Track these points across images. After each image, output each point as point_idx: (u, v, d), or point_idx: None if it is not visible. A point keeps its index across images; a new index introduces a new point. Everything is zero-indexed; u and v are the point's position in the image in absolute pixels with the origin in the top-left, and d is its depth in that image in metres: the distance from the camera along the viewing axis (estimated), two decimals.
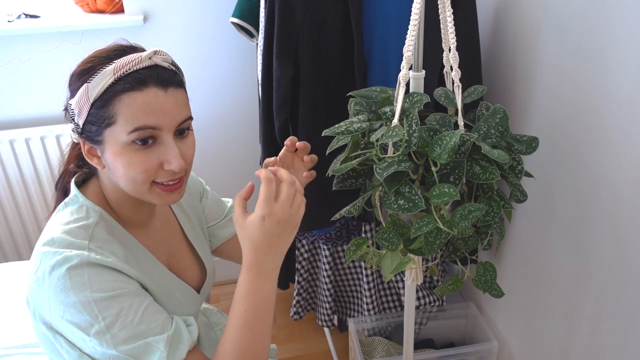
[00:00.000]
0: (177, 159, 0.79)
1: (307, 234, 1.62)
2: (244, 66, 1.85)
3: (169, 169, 0.79)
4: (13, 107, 1.80)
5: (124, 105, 0.75)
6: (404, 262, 0.88)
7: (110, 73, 0.75)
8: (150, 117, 0.76)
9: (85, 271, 0.75)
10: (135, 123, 0.76)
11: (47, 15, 1.77)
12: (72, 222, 0.81)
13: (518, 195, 0.97)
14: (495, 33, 1.42)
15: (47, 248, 0.78)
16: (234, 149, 1.99)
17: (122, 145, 0.77)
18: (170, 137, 0.79)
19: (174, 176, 0.81)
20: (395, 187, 0.84)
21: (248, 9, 1.52)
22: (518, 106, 1.35)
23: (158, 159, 0.79)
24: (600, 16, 1.02)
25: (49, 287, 0.75)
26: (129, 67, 0.76)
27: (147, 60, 0.77)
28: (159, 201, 0.82)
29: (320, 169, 1.36)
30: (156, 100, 0.76)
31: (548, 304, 1.34)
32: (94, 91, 0.76)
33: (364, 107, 1.00)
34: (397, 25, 1.24)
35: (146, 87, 0.76)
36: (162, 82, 0.77)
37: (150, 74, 0.77)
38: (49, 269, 0.76)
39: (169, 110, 0.78)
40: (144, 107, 0.76)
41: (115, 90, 0.75)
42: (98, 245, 0.80)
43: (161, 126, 0.77)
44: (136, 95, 0.75)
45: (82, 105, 0.77)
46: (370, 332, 1.72)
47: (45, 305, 0.77)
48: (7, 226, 1.93)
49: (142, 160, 0.78)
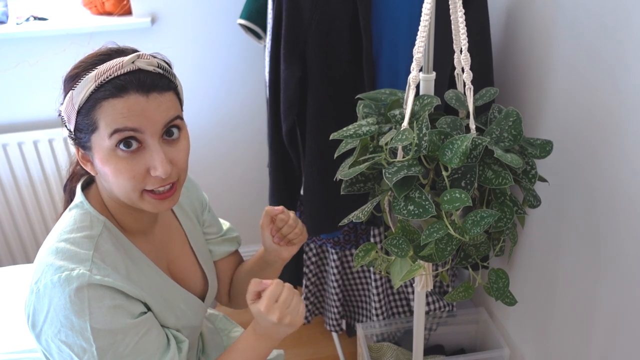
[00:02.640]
0: (163, 164, 0.76)
1: (315, 237, 1.60)
2: (251, 68, 1.84)
3: (155, 175, 0.77)
4: (21, 110, 1.80)
5: (104, 112, 0.74)
6: (413, 269, 0.85)
7: (92, 80, 0.74)
8: (129, 120, 0.74)
9: (85, 295, 0.75)
10: (114, 125, 0.74)
11: (55, 17, 1.77)
12: (76, 231, 0.80)
13: (531, 200, 0.94)
14: (507, 33, 1.39)
15: (50, 259, 0.77)
16: (241, 151, 1.98)
17: (107, 151, 0.76)
18: (155, 142, 0.76)
19: (164, 182, 0.78)
20: (405, 192, 0.82)
21: (255, 11, 1.51)
22: (531, 109, 1.32)
23: (144, 165, 0.77)
24: (616, 15, 1.00)
25: (49, 303, 0.75)
26: (110, 73, 0.74)
27: (129, 65, 0.75)
28: (150, 208, 0.81)
29: (328, 173, 1.34)
30: (136, 106, 0.74)
31: (561, 310, 1.31)
32: (78, 98, 0.75)
33: (373, 110, 0.98)
34: (407, 26, 1.22)
35: (126, 93, 0.74)
36: (142, 88, 0.74)
37: (130, 79, 0.74)
38: (50, 286, 0.75)
39: (151, 115, 0.75)
40: (124, 112, 0.74)
41: (96, 98, 0.74)
42: (101, 258, 0.79)
43: (142, 129, 0.75)
44: (116, 102, 0.74)
45: (70, 113, 0.77)
46: (379, 338, 1.70)
47: (40, 318, 0.77)
48: (16, 229, 1.93)
49: (128, 167, 0.76)
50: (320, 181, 1.36)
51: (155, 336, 0.83)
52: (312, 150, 1.33)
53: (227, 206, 2.00)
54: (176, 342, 0.88)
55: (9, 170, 1.83)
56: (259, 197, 2.02)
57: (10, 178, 1.84)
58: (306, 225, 1.45)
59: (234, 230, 1.13)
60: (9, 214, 1.90)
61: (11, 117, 1.81)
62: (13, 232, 1.93)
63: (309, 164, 1.35)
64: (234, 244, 1.11)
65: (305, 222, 1.45)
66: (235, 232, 1.13)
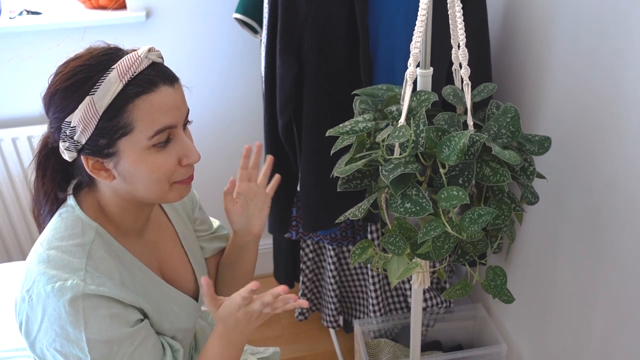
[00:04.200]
0: (194, 152, 0.80)
1: (311, 234, 1.59)
2: (247, 63, 1.82)
3: (188, 163, 0.80)
4: (15, 105, 1.79)
5: (141, 110, 0.73)
6: (410, 267, 0.85)
7: (116, 80, 0.72)
8: (167, 117, 0.75)
9: (80, 306, 0.74)
10: (155, 126, 0.74)
11: (49, 11, 1.75)
12: (67, 238, 0.78)
13: (529, 197, 0.94)
14: (505, 29, 1.38)
15: (42, 267, 0.75)
16: (237, 146, 1.96)
17: (141, 151, 0.75)
18: (181, 132, 0.80)
19: (192, 170, 0.83)
20: (402, 189, 0.81)
21: (251, 5, 1.49)
22: (529, 105, 1.31)
23: (176, 156, 0.79)
24: (615, 11, 0.99)
25: (42, 312, 0.74)
26: (134, 70, 0.73)
27: (146, 60, 0.75)
28: (176, 197, 0.83)
29: (325, 169, 1.33)
30: (169, 98, 0.76)
31: (559, 307, 1.30)
32: (103, 102, 0.71)
33: (370, 106, 0.97)
34: (404, 21, 1.21)
35: (157, 87, 0.74)
36: (168, 79, 0.76)
37: (155, 72, 0.75)
38: (43, 295, 0.74)
39: (180, 106, 0.78)
40: (160, 107, 0.74)
41: (126, 97, 0.72)
42: (95, 267, 0.77)
43: (177, 123, 0.78)
44: (151, 97, 0.74)
45: (89, 120, 0.72)
46: (376, 334, 1.70)
47: (34, 327, 0.76)
48: (11, 225, 1.92)
49: (163, 161, 0.77)
50: (316, 178, 1.35)
51: (152, 346, 0.82)
52: (308, 146, 1.32)
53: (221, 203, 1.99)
54: (172, 351, 0.87)
55: (4, 166, 1.81)
56: None
57: (4, 174, 1.83)
58: (303, 222, 1.44)
59: (224, 228, 1.13)
60: (4, 210, 1.89)
61: (5, 112, 1.79)
62: (8, 229, 1.92)
63: (305, 160, 1.34)
64: (224, 241, 1.11)
65: (302, 219, 1.44)
66: (225, 229, 1.13)
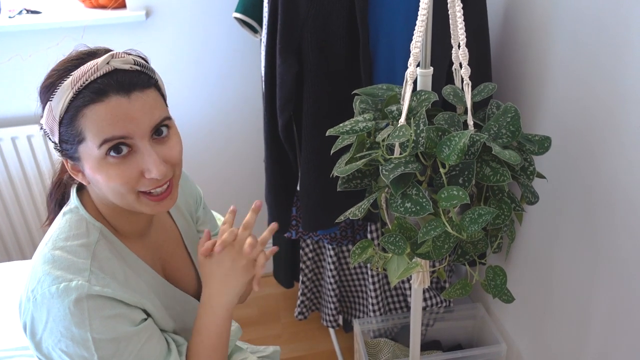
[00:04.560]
0: (157, 166, 0.74)
1: (311, 233, 1.59)
2: (247, 62, 1.82)
3: (150, 177, 0.75)
4: (15, 104, 1.79)
5: (88, 120, 0.71)
6: (410, 267, 0.85)
7: (69, 88, 0.71)
8: (116, 128, 0.71)
9: (85, 306, 0.74)
10: (102, 136, 0.71)
11: (49, 10, 1.75)
12: (72, 238, 0.78)
13: (529, 196, 0.94)
14: (505, 28, 1.38)
15: (47, 268, 0.75)
16: (237, 146, 1.96)
17: (97, 159, 0.73)
18: (145, 144, 0.74)
19: (159, 183, 0.77)
20: (402, 189, 0.81)
21: (251, 4, 1.49)
22: (529, 104, 1.31)
23: (137, 169, 0.74)
24: (615, 11, 0.99)
25: (47, 313, 0.74)
26: (86, 78, 0.71)
27: (104, 67, 0.72)
28: (149, 210, 0.79)
29: (325, 169, 1.33)
30: (120, 110, 0.71)
31: (559, 306, 1.30)
32: (57, 109, 0.72)
33: (370, 106, 0.97)
34: (404, 21, 1.21)
35: (107, 97, 0.71)
36: (123, 88, 0.71)
37: (109, 81, 0.71)
38: (48, 296, 0.74)
39: (136, 118, 0.72)
40: (108, 118, 0.71)
41: (77, 106, 0.71)
42: (100, 267, 0.77)
43: (131, 134, 0.72)
44: (97, 107, 0.71)
45: (51, 125, 0.74)
46: (376, 334, 1.70)
47: (39, 327, 0.75)
48: (10, 224, 1.92)
49: (120, 172, 0.74)
50: (316, 177, 1.35)
51: (157, 342, 0.82)
52: (308, 145, 1.32)
53: (222, 202, 1.99)
54: (176, 346, 0.87)
55: (3, 165, 1.81)
56: (255, 193, 2.01)
57: (4, 173, 1.82)
58: (303, 222, 1.44)
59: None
60: (4, 210, 1.88)
61: (4, 111, 1.79)
62: (8, 228, 1.92)
63: (305, 159, 1.34)
64: None
65: (302, 218, 1.44)
66: None
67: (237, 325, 1.16)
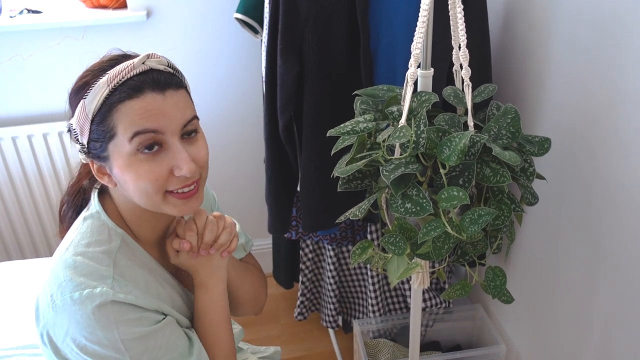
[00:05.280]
0: (187, 163, 0.75)
1: (311, 234, 1.59)
2: (248, 63, 1.82)
3: (180, 175, 0.76)
4: (15, 104, 1.79)
5: (122, 115, 0.72)
6: (410, 267, 0.85)
7: (104, 85, 0.72)
8: (149, 121, 0.73)
9: (110, 310, 0.74)
10: (134, 128, 0.72)
11: (49, 10, 1.75)
12: (94, 244, 0.78)
13: (529, 197, 0.94)
14: (505, 30, 1.39)
15: (69, 273, 0.75)
16: (238, 146, 1.97)
17: (127, 156, 0.74)
18: (176, 141, 0.76)
19: (187, 182, 0.78)
20: (403, 189, 0.81)
21: (252, 5, 1.49)
22: (529, 106, 1.31)
23: (167, 166, 0.75)
24: (615, 12, 0.99)
25: (70, 319, 0.74)
26: (123, 76, 0.73)
27: (140, 66, 0.74)
28: (176, 211, 0.79)
29: (325, 169, 1.33)
30: (154, 105, 0.73)
31: (558, 307, 1.31)
32: (91, 106, 0.73)
33: (370, 106, 0.97)
34: (405, 22, 1.21)
35: (142, 93, 0.73)
36: (158, 86, 0.74)
37: (145, 79, 0.73)
38: (69, 302, 0.73)
39: (169, 113, 0.74)
40: (142, 113, 0.73)
41: (111, 102, 0.72)
42: (121, 274, 0.78)
43: (163, 129, 0.74)
44: (133, 103, 0.72)
45: (83, 123, 0.74)
46: (376, 334, 1.70)
47: (60, 332, 0.75)
48: (10, 224, 1.92)
49: (150, 169, 0.74)
50: (317, 178, 1.35)
51: (180, 333, 0.84)
52: (308, 146, 1.32)
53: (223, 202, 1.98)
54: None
55: (3, 165, 1.81)
56: (255, 193, 2.01)
57: (4, 173, 1.82)
58: (303, 222, 1.44)
59: (242, 236, 1.07)
60: (4, 210, 1.89)
61: (5, 111, 1.79)
62: (8, 228, 1.92)
63: (305, 160, 1.34)
64: (240, 251, 1.06)
65: (302, 219, 1.44)
66: (242, 237, 1.07)
67: (240, 328, 1.16)
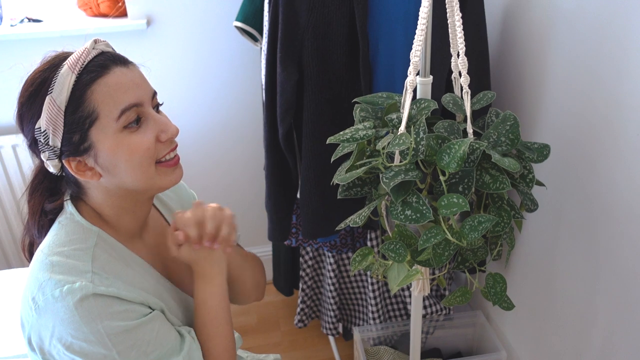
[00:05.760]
0: (170, 126, 0.80)
1: (311, 241, 1.59)
2: (247, 70, 1.83)
3: (167, 138, 0.80)
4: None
5: (99, 94, 0.74)
6: (411, 274, 0.85)
7: (68, 73, 0.73)
8: (129, 95, 0.76)
9: (92, 303, 0.73)
10: (119, 106, 0.75)
11: (50, 19, 1.76)
12: (68, 244, 0.78)
13: (529, 204, 0.94)
14: (503, 37, 1.39)
15: (47, 274, 0.74)
16: (238, 154, 1.97)
17: (114, 135, 0.75)
18: (152, 110, 0.80)
19: (172, 145, 0.82)
20: (403, 196, 0.81)
21: (252, 13, 1.50)
22: (527, 112, 1.32)
23: (153, 134, 0.79)
24: (613, 21, 1.00)
25: (53, 317, 0.73)
26: (83, 60, 0.74)
27: (93, 50, 0.76)
28: (167, 181, 0.82)
29: (325, 177, 1.33)
30: (126, 78, 0.76)
31: (559, 313, 1.30)
32: (62, 97, 0.73)
33: (370, 114, 0.98)
34: (404, 30, 1.22)
35: (110, 69, 0.75)
36: (120, 60, 0.77)
37: (105, 57, 0.76)
38: (51, 300, 0.72)
39: (141, 84, 0.78)
40: (119, 87, 0.75)
41: (83, 85, 0.73)
42: (101, 267, 0.77)
43: (141, 101, 0.78)
44: (106, 79, 0.74)
45: (55, 118, 0.74)
46: (376, 341, 1.70)
47: (45, 334, 0.74)
48: (10, 232, 1.92)
49: (139, 140, 0.77)
50: (316, 185, 1.35)
51: (170, 328, 0.83)
52: (308, 153, 1.33)
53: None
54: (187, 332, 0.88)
55: (3, 173, 1.81)
56: (255, 200, 2.01)
57: (4, 181, 1.82)
58: (303, 229, 1.44)
59: None
60: (4, 218, 1.88)
61: (5, 119, 1.79)
62: (7, 236, 1.92)
63: (305, 167, 1.34)
64: None
65: (302, 226, 1.44)
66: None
67: (238, 335, 1.16)
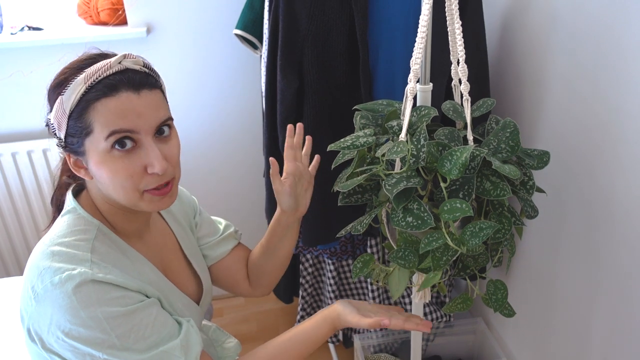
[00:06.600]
0: (159, 161, 0.77)
1: (311, 248, 1.59)
2: (247, 78, 1.84)
3: (153, 172, 0.78)
4: (15, 120, 1.79)
5: (98, 113, 0.74)
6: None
7: (82, 82, 0.75)
8: (124, 121, 0.75)
9: (90, 289, 0.74)
10: (110, 127, 0.75)
11: (50, 27, 1.76)
12: (70, 235, 0.80)
13: (529, 211, 0.94)
14: (502, 45, 1.40)
15: (47, 263, 0.76)
16: (237, 161, 1.97)
17: (102, 153, 0.76)
18: (149, 140, 0.78)
19: (160, 181, 0.80)
20: (404, 203, 0.81)
21: (252, 21, 1.50)
22: (527, 119, 1.32)
23: (141, 163, 0.78)
24: (611, 28, 1.00)
25: (52, 304, 0.74)
26: (99, 74, 0.75)
27: (117, 65, 0.76)
28: (151, 207, 0.81)
29: (325, 184, 1.33)
30: (129, 104, 0.75)
31: (559, 320, 1.30)
32: (69, 103, 0.75)
33: (370, 121, 0.98)
34: (404, 37, 1.23)
35: (117, 92, 0.75)
36: (133, 86, 0.76)
37: (121, 78, 0.76)
38: (50, 287, 0.74)
39: (144, 113, 0.77)
40: (117, 112, 0.75)
41: (88, 99, 0.74)
42: (100, 258, 0.78)
43: (137, 129, 0.76)
44: (108, 101, 0.74)
45: (60, 118, 0.77)
46: (376, 349, 1.69)
47: (44, 322, 0.75)
48: (9, 240, 1.91)
49: (125, 166, 0.77)
50: (317, 192, 1.35)
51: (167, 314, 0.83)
52: None
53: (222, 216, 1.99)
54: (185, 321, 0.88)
55: (3, 180, 1.81)
56: (255, 207, 2.01)
57: (4, 189, 1.82)
58: (303, 236, 1.44)
59: (230, 226, 1.13)
60: (2, 226, 1.88)
61: (5, 127, 1.80)
62: (7, 244, 1.91)
63: None
64: (231, 240, 1.11)
65: (302, 233, 1.44)
66: (231, 227, 1.13)
67: (237, 342, 1.16)
